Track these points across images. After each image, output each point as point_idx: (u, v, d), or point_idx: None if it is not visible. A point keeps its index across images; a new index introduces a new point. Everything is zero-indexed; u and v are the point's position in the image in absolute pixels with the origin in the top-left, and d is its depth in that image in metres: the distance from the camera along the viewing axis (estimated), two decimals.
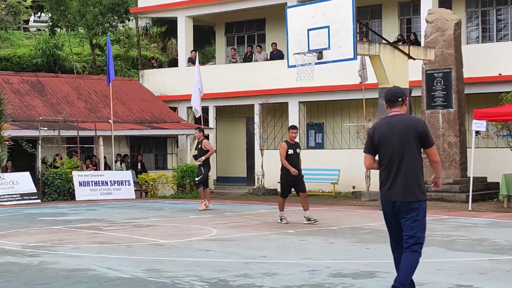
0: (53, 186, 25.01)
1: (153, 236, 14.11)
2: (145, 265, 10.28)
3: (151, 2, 32.90)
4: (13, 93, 28.22)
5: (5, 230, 15.49)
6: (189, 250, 12.02)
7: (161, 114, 31.00)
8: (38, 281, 9.12)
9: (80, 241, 13.55)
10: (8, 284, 9.07)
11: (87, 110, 29.38)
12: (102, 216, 18.67)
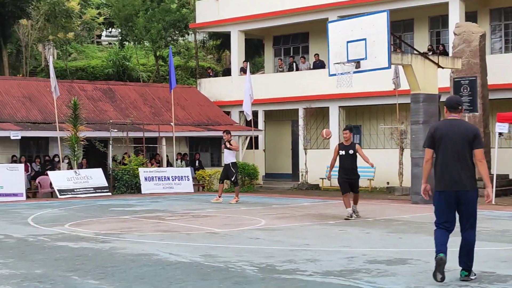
0: (122, 181, 25.38)
1: (209, 226, 14.26)
2: (202, 251, 10.44)
3: (208, 18, 33.03)
4: (88, 99, 28.66)
5: (80, 220, 15.77)
6: (241, 238, 12.15)
7: (216, 117, 31.15)
8: (109, 264, 9.36)
9: (145, 229, 13.79)
10: (83, 266, 9.34)
11: (151, 114, 29.70)
12: (165, 208, 18.88)
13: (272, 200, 21.32)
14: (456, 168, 7.57)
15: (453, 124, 7.68)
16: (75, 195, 23.48)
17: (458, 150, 7.55)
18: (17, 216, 16.47)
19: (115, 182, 25.40)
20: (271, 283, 7.87)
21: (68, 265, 9.22)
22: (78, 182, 24.03)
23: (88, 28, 42.94)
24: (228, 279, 8.09)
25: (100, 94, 30.14)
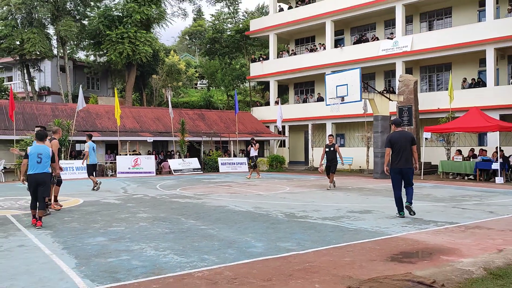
0: (208, 164, 25.66)
1: (256, 190, 14.34)
2: (253, 204, 10.51)
3: (257, 73, 33.13)
4: (189, 119, 29.04)
5: (185, 186, 16.03)
6: (275, 197, 12.19)
7: (261, 129, 31.26)
8: (201, 211, 9.47)
9: (221, 192, 13.90)
10: (187, 212, 9.46)
11: (225, 127, 29.95)
12: (232, 180, 19.07)
13: (293, 176, 21.32)
14: (403, 156, 8.35)
15: (401, 133, 8.54)
16: (182, 173, 23.79)
17: (405, 146, 8.35)
18: (150, 184, 16.79)
19: (205, 165, 25.67)
20: (293, 223, 7.88)
21: (178, 212, 9.37)
22: (184, 165, 24.36)
23: (190, 79, 43.55)
24: (268, 221, 8.13)
25: (196, 116, 30.52)
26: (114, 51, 30.67)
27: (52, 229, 7.49)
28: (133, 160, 22.55)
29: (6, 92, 31.58)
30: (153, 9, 32.29)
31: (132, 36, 30.81)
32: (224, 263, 5.22)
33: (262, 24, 32.83)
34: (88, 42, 34.11)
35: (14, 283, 4.50)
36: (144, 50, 31.20)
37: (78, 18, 32.95)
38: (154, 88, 38.49)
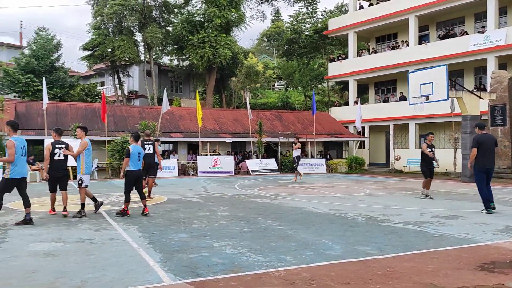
0: (285, 165, 25.73)
1: (334, 192, 14.12)
2: (330, 206, 10.38)
3: (335, 73, 32.71)
4: (267, 120, 29.38)
5: (263, 186, 16.21)
6: (354, 200, 11.92)
7: (339, 129, 30.75)
8: (278, 212, 9.53)
9: (298, 192, 13.87)
10: (264, 212, 9.57)
11: (302, 128, 29.87)
12: (308, 181, 18.95)
13: (373, 179, 20.70)
14: (490, 156, 9.21)
15: (486, 135, 9.45)
16: (260, 173, 24.10)
17: (491, 147, 9.23)
18: (229, 184, 17.21)
19: (282, 166, 25.78)
20: (372, 227, 7.67)
21: (256, 211, 9.51)
22: (262, 166, 24.66)
23: (267, 81, 44.02)
24: (346, 224, 7.98)
25: (273, 117, 30.78)
26: (195, 55, 31.91)
27: (139, 224, 7.97)
28: (213, 160, 23.28)
29: (99, 96, 34.17)
30: (233, 13, 33.11)
31: (212, 40, 31.85)
32: (301, 264, 5.21)
33: (341, 23, 32.30)
34: (172, 47, 35.85)
35: (106, 273, 4.86)
36: (224, 53, 32.09)
37: (163, 25, 34.76)
38: (233, 90, 39.43)
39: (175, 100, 35.71)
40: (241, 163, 25.26)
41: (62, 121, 23.58)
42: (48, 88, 25.26)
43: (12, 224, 7.94)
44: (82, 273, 4.86)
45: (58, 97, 30.94)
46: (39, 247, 6.12)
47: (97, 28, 32.56)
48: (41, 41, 32.55)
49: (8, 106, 21.99)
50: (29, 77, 30.05)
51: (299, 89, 40.25)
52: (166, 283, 4.53)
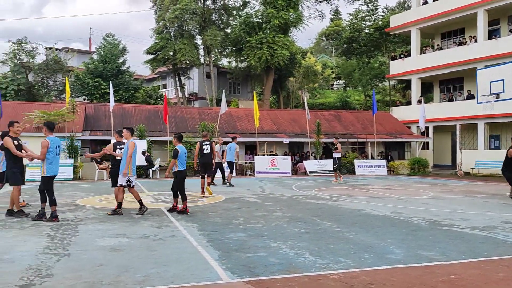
0: (344, 167, 25.27)
1: (396, 194, 13.70)
2: (392, 209, 10.08)
3: (397, 71, 31.76)
4: (325, 120, 29.07)
5: (320, 187, 16.05)
6: (416, 203, 11.50)
7: (401, 130, 29.78)
8: (336, 214, 9.39)
9: (358, 194, 13.60)
10: (322, 214, 9.44)
11: (361, 128, 29.25)
12: (369, 183, 18.52)
13: (437, 181, 19.84)
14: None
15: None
16: (318, 174, 23.87)
17: None
18: (286, 184, 17.20)
19: (340, 167, 25.33)
20: (436, 231, 7.36)
21: (314, 213, 9.44)
22: (320, 167, 24.39)
23: (326, 80, 43.57)
24: (408, 227, 7.72)
25: (332, 117, 30.39)
26: (253, 57, 32.22)
27: (198, 222, 8.19)
28: (270, 160, 23.38)
29: (161, 98, 35.45)
30: (291, 13, 33.09)
31: (270, 41, 32.01)
32: (360, 268, 5.11)
33: (404, 19, 31.30)
34: (230, 49, 36.47)
35: (167, 269, 5.04)
36: (282, 53, 32.14)
37: (222, 27, 35.43)
38: (291, 91, 39.39)
39: (233, 101, 36.25)
40: (298, 164, 25.16)
41: (127, 123, 24.69)
42: (114, 91, 26.57)
43: (82, 219, 8.44)
44: (145, 268, 5.07)
45: (124, 99, 32.48)
46: (106, 242, 6.46)
47: (159, 33, 33.81)
48: (108, 46, 34.33)
49: (79, 108, 23.39)
50: (97, 81, 31.81)
51: (359, 88, 39.50)
52: (224, 281, 4.62)
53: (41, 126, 21.40)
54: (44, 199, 8.34)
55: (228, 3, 35.85)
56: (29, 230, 7.35)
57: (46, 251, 5.87)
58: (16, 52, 30.19)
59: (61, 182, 18.51)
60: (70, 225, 7.84)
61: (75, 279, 4.63)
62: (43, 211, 8.39)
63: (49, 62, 30.66)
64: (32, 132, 21.58)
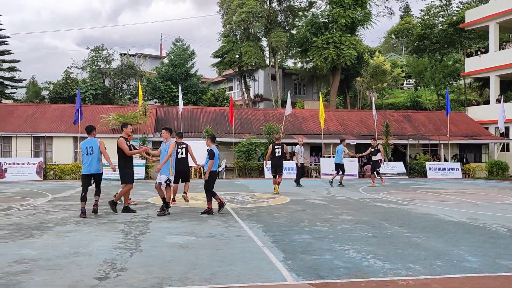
0: (414, 169, 24.36)
1: (471, 199, 12.91)
2: (467, 215, 9.55)
3: (473, 68, 30.04)
4: (394, 121, 28.19)
5: (389, 191, 15.55)
6: (494, 208, 10.79)
7: (478, 131, 28.08)
8: (405, 218, 9.06)
9: (429, 199, 13.02)
10: (390, 218, 9.15)
11: (434, 129, 27.96)
12: (442, 186, 17.65)
13: None
14: None
15: None
16: (386, 177, 23.10)
17: None
18: (353, 187, 16.88)
19: (411, 170, 24.44)
20: None
21: (382, 217, 9.17)
22: (388, 169, 23.63)
23: (395, 80, 42.16)
24: (485, 234, 7.28)
25: (402, 118, 29.36)
26: (319, 57, 31.92)
27: (263, 223, 8.26)
28: None
29: (228, 100, 36.17)
30: (358, 12, 32.41)
31: (337, 40, 31.56)
32: (432, 275, 4.89)
33: (481, 14, 29.54)
34: (296, 50, 36.40)
35: (233, 268, 5.14)
36: (349, 53, 31.57)
37: (287, 29, 35.49)
38: (358, 91, 38.55)
39: (298, 102, 36.14)
40: (365, 166, 24.57)
41: (195, 124, 25.49)
42: (183, 94, 27.54)
43: (153, 217, 8.83)
44: (212, 266, 5.21)
45: (192, 102, 33.56)
46: (175, 239, 6.71)
47: (226, 36, 34.54)
48: (178, 51, 35.66)
49: (150, 111, 24.51)
50: (167, 84, 33.14)
51: (431, 87, 37.75)
52: (289, 282, 4.63)
53: (117, 128, 22.75)
54: (97, 193, 9.22)
55: (294, 4, 35.86)
56: (105, 226, 7.82)
57: (120, 246, 6.22)
58: (94, 59, 32.27)
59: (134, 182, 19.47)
60: (142, 223, 8.24)
61: (146, 274, 4.86)
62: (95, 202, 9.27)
63: (124, 67, 32.43)
64: (109, 134, 22.93)
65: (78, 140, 22.36)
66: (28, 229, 7.54)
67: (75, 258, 5.51)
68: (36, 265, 5.20)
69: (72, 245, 6.24)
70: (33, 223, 8.11)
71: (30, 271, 4.93)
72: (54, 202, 11.62)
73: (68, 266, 5.15)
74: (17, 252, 5.82)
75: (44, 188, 16.06)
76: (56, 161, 22.39)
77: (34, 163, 20.88)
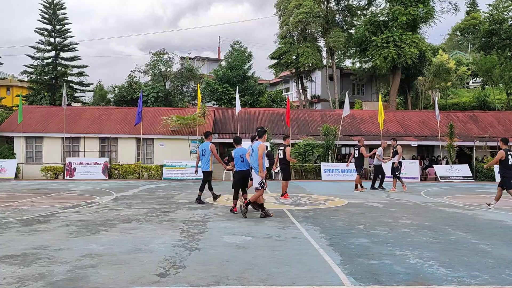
0: (481, 173, 23.12)
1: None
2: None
3: None
4: (459, 122, 27.05)
5: (453, 194, 14.82)
6: None
7: None
8: (471, 224, 8.63)
9: (497, 204, 12.26)
10: (454, 223, 8.76)
11: (502, 130, 26.36)
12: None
13: None
14: None
15: None
16: (450, 180, 22.14)
17: None
18: (414, 190, 16.31)
19: (477, 173, 23.20)
20: None
21: (445, 222, 8.78)
22: (452, 172, 22.64)
23: (460, 78, 40.26)
24: None
25: (467, 118, 27.97)
26: (379, 56, 31.15)
27: (320, 225, 8.17)
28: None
29: (284, 101, 36.19)
30: (420, 9, 31.28)
31: (397, 39, 30.64)
32: (500, 284, 4.61)
33: None
34: (354, 50, 35.74)
35: (289, 269, 5.13)
36: (410, 52, 30.55)
37: (346, 28, 34.93)
38: (420, 91, 37.17)
39: (356, 103, 35.44)
40: (428, 169, 23.67)
41: (252, 126, 25.73)
42: (240, 96, 27.90)
43: (211, 217, 9.02)
44: (268, 266, 5.23)
45: (249, 103, 33.91)
46: (232, 239, 6.81)
47: (283, 37, 34.60)
48: (235, 53, 36.19)
49: (209, 113, 25.06)
50: (225, 87, 33.72)
51: (500, 86, 35.62)
52: (346, 286, 4.55)
53: (177, 129, 23.48)
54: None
55: (352, 3, 35.25)
56: (165, 225, 8.09)
57: (179, 244, 6.41)
58: (156, 63, 33.51)
59: (192, 181, 20.01)
60: (201, 222, 8.43)
61: (204, 272, 4.97)
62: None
63: (183, 70, 33.42)
64: (169, 135, 23.68)
65: (141, 141, 23.33)
66: (94, 225, 7.96)
67: (137, 255, 5.75)
68: (102, 260, 5.48)
69: (135, 242, 6.51)
70: (99, 220, 8.55)
71: (96, 266, 5.20)
72: (118, 200, 12.20)
73: (131, 262, 5.38)
74: (84, 247, 6.16)
75: (109, 186, 16.89)
76: (120, 161, 23.49)
77: (100, 163, 22.03)
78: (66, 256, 5.63)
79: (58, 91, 32.72)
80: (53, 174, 22.52)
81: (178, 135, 23.43)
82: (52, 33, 34.00)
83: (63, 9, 34.29)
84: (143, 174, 22.26)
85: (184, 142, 23.40)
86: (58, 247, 6.17)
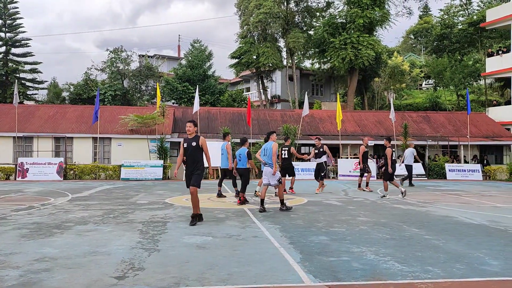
0: (433, 171, 24.00)
1: (492, 202, 12.67)
2: (487, 217, 9.37)
3: (494, 68, 29.48)
4: (413, 122, 27.92)
5: (408, 192, 15.27)
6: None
7: (499, 132, 27.55)
8: (424, 220, 8.93)
9: (449, 201, 12.80)
10: (409, 220, 9.03)
11: (453, 130, 27.53)
12: (461, 188, 17.34)
13: None
14: None
15: None
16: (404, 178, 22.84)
17: None
18: (371, 188, 16.63)
19: (429, 171, 24.09)
20: None
21: (400, 218, 9.06)
22: (405, 170, 23.25)
23: (414, 80, 41.69)
24: (507, 237, 7.12)
25: (420, 119, 28.99)
26: (337, 57, 31.76)
27: (280, 224, 8.23)
28: (354, 163, 22.82)
29: (245, 101, 36.26)
30: (376, 12, 32.14)
31: (354, 41, 31.35)
32: (451, 278, 4.80)
33: (503, 13, 29.02)
34: (313, 51, 36.27)
35: (250, 269, 5.14)
36: (367, 54, 31.33)
37: (305, 29, 35.38)
38: (376, 92, 38.20)
39: (315, 103, 35.98)
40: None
41: (212, 125, 25.59)
42: (200, 95, 27.70)
43: (171, 217, 8.89)
44: (229, 266, 5.21)
45: (209, 103, 33.71)
46: (192, 239, 6.74)
47: (243, 37, 34.63)
48: (195, 52, 35.88)
49: (168, 112, 24.70)
50: (185, 85, 33.37)
51: (451, 88, 37.21)
52: (306, 284, 4.60)
53: (135, 129, 22.99)
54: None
55: (311, 4, 35.74)
56: (124, 226, 7.90)
57: (138, 245, 6.27)
58: (113, 60, 32.69)
59: (151, 182, 19.67)
60: (160, 222, 8.30)
61: (164, 274, 4.89)
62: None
63: (142, 68, 32.78)
64: (127, 135, 23.14)
65: (98, 140, 22.68)
66: (48, 228, 7.67)
67: (94, 257, 5.58)
68: (56, 263, 5.29)
69: (91, 244, 6.32)
70: (54, 222, 8.25)
71: (51, 269, 5.01)
72: (74, 201, 11.81)
73: (88, 265, 5.21)
74: (38, 251, 5.92)
75: (64, 187, 16.33)
76: (76, 161, 22.76)
77: (55, 163, 21.26)
78: (18, 260, 5.39)
79: (9, 89, 31.34)
80: (4, 175, 21.53)
81: (137, 135, 22.97)
82: (3, 28, 32.50)
83: (14, 2, 32.83)
84: (100, 174, 21.67)
85: (143, 141, 22.97)
86: (9, 251, 5.90)
